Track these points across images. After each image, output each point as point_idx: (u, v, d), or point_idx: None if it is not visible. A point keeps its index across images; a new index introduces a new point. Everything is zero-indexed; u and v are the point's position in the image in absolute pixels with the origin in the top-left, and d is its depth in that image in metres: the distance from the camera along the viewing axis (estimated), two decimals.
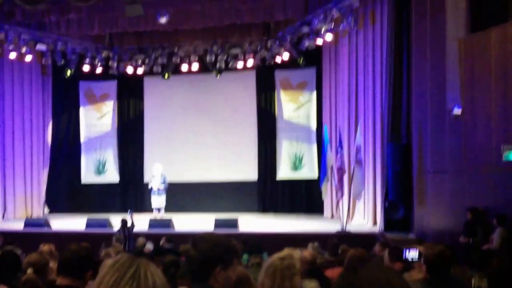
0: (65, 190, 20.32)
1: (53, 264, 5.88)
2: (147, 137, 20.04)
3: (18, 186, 18.80)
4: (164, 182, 16.11)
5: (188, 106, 19.44)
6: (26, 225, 15.26)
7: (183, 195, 18.40)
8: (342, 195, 13.55)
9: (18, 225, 15.61)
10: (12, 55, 17.20)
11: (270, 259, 4.01)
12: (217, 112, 19.19)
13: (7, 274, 5.65)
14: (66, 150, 20.63)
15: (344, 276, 4.92)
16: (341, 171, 13.41)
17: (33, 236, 13.02)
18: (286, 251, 4.16)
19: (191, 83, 19.29)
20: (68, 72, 18.42)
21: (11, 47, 16.90)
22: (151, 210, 16.54)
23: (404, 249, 7.05)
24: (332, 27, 15.15)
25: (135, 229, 13.36)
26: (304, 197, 18.40)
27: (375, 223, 14.07)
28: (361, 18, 15.21)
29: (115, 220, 14.14)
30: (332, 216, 16.53)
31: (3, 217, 18.11)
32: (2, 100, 18.32)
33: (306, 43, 16.13)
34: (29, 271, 5.06)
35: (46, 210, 19.31)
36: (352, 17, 14.52)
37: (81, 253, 3.83)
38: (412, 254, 6.80)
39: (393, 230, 12.65)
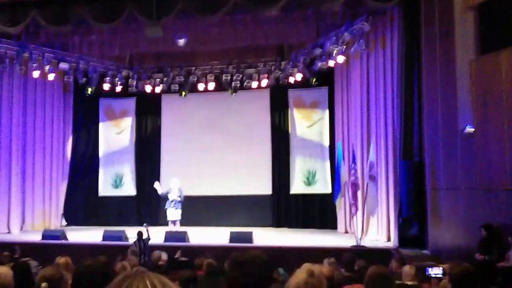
0: (83, 203, 20.36)
1: (69, 277, 5.76)
2: (164, 153, 20.10)
3: (37, 199, 18.80)
4: (180, 195, 15.99)
5: (204, 123, 19.48)
6: (43, 237, 15.12)
7: (198, 209, 18.31)
8: (357, 210, 13.39)
9: (35, 237, 15.48)
10: (36, 74, 17.31)
11: (297, 276, 3.87)
12: (232, 129, 19.20)
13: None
14: (84, 164, 20.68)
15: None
16: (355, 186, 13.30)
17: (50, 248, 12.95)
18: (308, 267, 4.01)
19: (207, 101, 19.34)
20: (89, 90, 18.56)
21: (35, 65, 16.99)
22: (166, 223, 16.40)
23: (427, 267, 6.89)
24: (343, 49, 15.27)
25: (151, 242, 13.20)
26: (317, 212, 18.28)
27: (389, 239, 13.96)
28: (372, 41, 15.24)
29: (131, 233, 14.00)
30: (346, 231, 16.43)
31: (21, 228, 18.09)
32: (24, 116, 18.39)
33: (319, 64, 16.24)
34: (44, 285, 4.88)
35: (64, 222, 19.26)
36: (363, 41, 14.57)
37: (96, 268, 3.69)
38: (435, 271, 6.65)
39: (407, 247, 12.46)
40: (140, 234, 13.05)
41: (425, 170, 12.46)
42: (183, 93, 18.80)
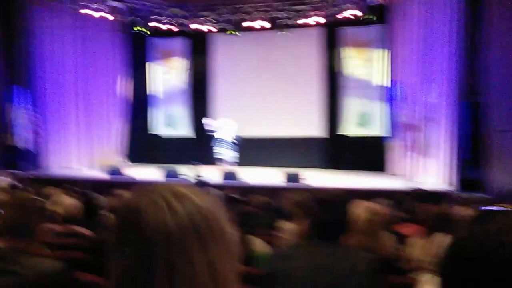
0: (141, 143, 20.82)
1: None
2: (216, 92, 20.06)
3: (99, 137, 19.47)
4: (234, 137, 15.85)
5: (255, 62, 19.21)
6: (107, 173, 15.81)
7: (251, 150, 18.25)
8: (413, 152, 12.90)
9: (100, 174, 16.22)
10: (86, 11, 17.22)
11: (358, 211, 3.78)
12: (284, 69, 18.85)
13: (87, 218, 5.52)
14: (138, 104, 20.97)
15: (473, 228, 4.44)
16: (412, 127, 12.75)
17: (113, 184, 13.14)
18: (367, 204, 3.88)
19: (259, 39, 18.99)
20: (140, 29, 18.45)
21: (85, 4, 16.97)
22: (219, 163, 16.34)
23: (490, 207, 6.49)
24: None
25: (206, 180, 13.22)
26: (371, 154, 17.86)
27: (447, 182, 13.42)
28: None
29: (185, 171, 14.68)
30: (401, 174, 15.88)
31: (86, 166, 18.63)
32: (79, 55, 18.53)
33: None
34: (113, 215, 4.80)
35: (125, 160, 19.56)
36: None
37: None
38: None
39: (467, 190, 12.05)
40: (195, 172, 13.14)
41: (487, 111, 11.84)
42: (233, 31, 18.38)
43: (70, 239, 4.85)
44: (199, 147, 19.72)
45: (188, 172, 13.43)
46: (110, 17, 18.36)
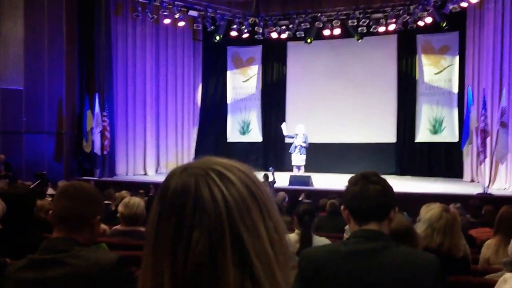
0: (212, 148, 20.72)
1: None
2: (289, 100, 20.11)
3: (170, 143, 19.63)
4: (305, 141, 15.76)
5: (329, 70, 19.20)
6: None
7: (322, 156, 18.25)
8: (485, 157, 12.57)
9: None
10: (167, 21, 17.79)
11: (433, 209, 3.71)
12: (357, 75, 18.77)
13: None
14: (213, 111, 21.14)
15: None
16: (484, 133, 12.46)
17: None
18: (438, 205, 3.78)
19: (332, 47, 19.01)
20: (217, 38, 18.60)
21: (165, 13, 17.41)
22: (291, 169, 16.38)
23: None
24: None
25: (276, 185, 13.16)
26: (443, 160, 17.68)
27: None
28: None
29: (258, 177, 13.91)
30: (472, 180, 15.72)
31: (156, 171, 18.94)
32: (157, 63, 18.98)
33: (450, 7, 15.49)
34: None
35: None
36: None
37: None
38: None
39: None
40: (266, 176, 13.12)
41: None
42: (309, 40, 18.44)
43: (133, 239, 4.91)
44: (272, 153, 19.88)
45: (260, 177, 13.29)
46: (190, 27, 18.79)
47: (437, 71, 17.79)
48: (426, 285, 2.10)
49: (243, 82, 20.73)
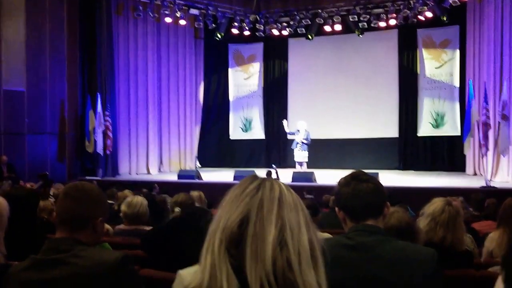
0: (215, 146, 20.86)
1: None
2: (291, 96, 20.10)
3: (172, 142, 19.62)
4: (307, 138, 15.77)
5: (330, 65, 19.19)
6: (179, 177, 15.64)
7: (325, 152, 18.30)
8: (487, 150, 12.56)
9: (172, 177, 16.16)
10: (168, 20, 17.78)
11: (435, 203, 3.74)
12: (359, 71, 18.75)
13: (156, 218, 5.59)
14: (216, 109, 21.18)
15: None
16: (486, 126, 12.44)
17: (185, 186, 13.12)
18: (440, 199, 3.80)
19: (334, 43, 19.01)
20: (219, 35, 18.61)
21: (166, 12, 17.39)
22: (293, 165, 16.43)
23: None
24: None
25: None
26: (445, 154, 17.71)
27: None
28: None
29: (261, 174, 13.85)
30: (475, 173, 15.73)
31: (159, 170, 18.94)
32: (159, 62, 18.99)
33: (450, 0, 15.51)
34: (177, 209, 4.84)
35: (198, 164, 19.68)
36: None
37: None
38: None
39: None
40: (269, 173, 13.13)
41: None
42: (310, 36, 18.43)
43: (137, 238, 4.93)
44: (274, 150, 19.89)
45: (264, 174, 13.23)
46: (192, 25, 18.79)
47: (438, 65, 17.78)
48: (424, 277, 2.13)
49: (244, 79, 20.73)
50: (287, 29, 18.47)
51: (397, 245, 2.25)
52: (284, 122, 16.59)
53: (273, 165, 15.30)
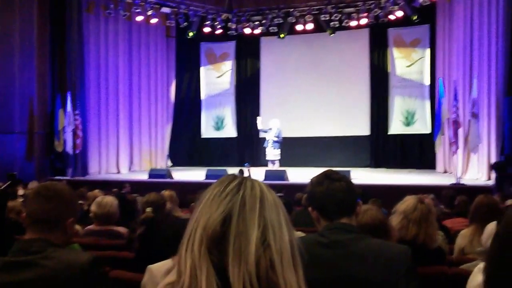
0: (186, 145, 20.79)
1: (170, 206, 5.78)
2: (263, 95, 20.12)
3: (143, 140, 19.45)
4: (278, 136, 15.77)
5: (302, 64, 19.24)
6: (150, 176, 15.46)
7: (297, 150, 18.32)
8: (457, 148, 12.69)
9: (143, 176, 15.95)
10: (139, 18, 17.70)
11: (407, 201, 3.76)
12: (330, 69, 18.85)
13: (126, 218, 5.53)
14: (187, 107, 21.07)
15: None
16: (456, 124, 12.55)
17: (156, 186, 13.01)
18: (412, 197, 3.81)
19: (305, 42, 19.05)
20: (191, 34, 18.55)
21: (138, 11, 17.31)
22: (266, 164, 16.44)
23: None
24: None
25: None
26: (416, 152, 17.94)
27: (489, 177, 13.25)
28: None
29: (233, 173, 13.81)
30: (445, 171, 15.92)
31: (130, 169, 18.74)
32: (130, 60, 18.81)
33: (420, 0, 15.59)
34: (148, 209, 4.78)
35: (169, 163, 19.57)
36: None
37: None
38: None
39: (509, 185, 11.63)
40: (241, 172, 13.04)
41: None
42: (282, 34, 18.48)
43: (107, 238, 4.87)
44: (247, 148, 19.86)
45: (236, 173, 13.19)
46: (163, 23, 18.68)
47: (408, 63, 17.98)
48: (399, 274, 2.14)
49: (217, 77, 20.66)
50: (259, 28, 18.46)
51: (371, 243, 2.27)
52: (258, 119, 16.58)
53: (245, 164, 15.28)
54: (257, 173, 14.49)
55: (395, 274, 2.13)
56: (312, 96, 18.89)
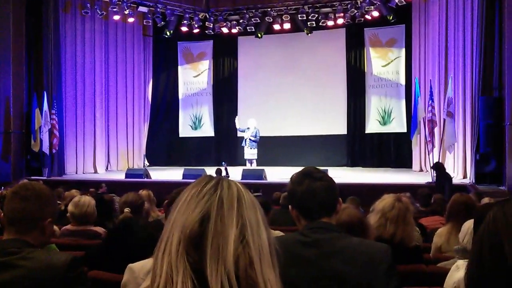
0: (164, 144, 20.66)
1: (148, 206, 5.74)
2: (241, 94, 20.12)
3: (120, 140, 19.33)
4: (255, 135, 15.81)
5: (280, 63, 19.29)
6: (127, 175, 15.34)
7: (275, 149, 18.43)
8: (433, 147, 12.80)
9: (120, 176, 15.85)
10: (116, 17, 17.61)
11: (385, 199, 3.76)
12: (308, 69, 18.93)
13: (103, 218, 5.49)
14: (165, 107, 20.99)
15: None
16: (432, 123, 12.67)
17: (133, 185, 12.93)
18: (390, 195, 3.83)
19: (283, 41, 19.11)
20: (168, 33, 18.44)
21: (115, 10, 17.19)
22: (244, 163, 16.46)
23: None
24: None
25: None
26: (392, 151, 18.07)
27: (465, 175, 13.46)
28: None
29: (211, 172, 13.85)
30: (421, 169, 16.04)
31: (107, 168, 18.62)
32: (107, 60, 18.68)
33: (396, 0, 15.73)
34: (126, 210, 4.73)
35: (146, 162, 19.46)
36: None
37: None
38: None
39: (484, 183, 12.01)
40: (219, 171, 13.05)
41: (504, 105, 11.81)
42: (259, 34, 18.46)
43: (84, 238, 4.82)
44: (224, 148, 19.86)
45: (213, 172, 13.26)
46: (140, 23, 18.59)
47: (384, 63, 18.11)
48: (380, 272, 2.14)
49: (194, 77, 20.58)
50: (236, 27, 18.44)
51: (352, 241, 2.26)
52: (236, 118, 16.60)
53: (223, 163, 15.26)
54: (235, 172, 14.50)
55: (376, 272, 2.13)
56: (289, 96, 18.94)
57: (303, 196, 2.32)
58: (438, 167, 11.60)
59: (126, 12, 17.33)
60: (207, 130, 20.45)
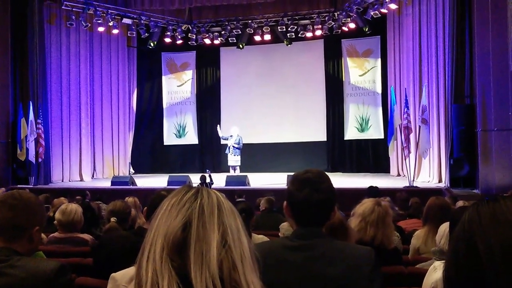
0: (149, 152, 20.55)
1: (140, 215, 5.73)
2: (224, 103, 20.12)
3: (106, 148, 19.12)
4: (238, 143, 15.87)
5: (261, 73, 19.36)
6: (112, 183, 15.20)
7: (258, 156, 18.49)
8: (409, 152, 12.91)
9: (105, 183, 15.72)
10: (101, 29, 17.59)
11: (365, 203, 3.78)
12: (288, 78, 19.05)
13: (90, 225, 5.43)
14: (149, 115, 20.89)
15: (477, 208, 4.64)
16: (407, 130, 12.82)
17: (119, 193, 12.83)
18: (370, 200, 3.84)
19: (263, 52, 19.21)
20: (152, 44, 18.43)
21: (99, 22, 17.14)
22: (227, 170, 16.53)
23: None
24: None
25: (213, 186, 13.00)
26: (371, 156, 18.22)
27: (440, 180, 13.62)
28: None
29: (195, 179, 13.82)
30: (399, 174, 16.20)
31: (92, 176, 18.43)
32: (92, 70, 18.51)
33: (372, 13, 15.95)
34: (113, 219, 4.69)
35: (132, 170, 19.33)
36: None
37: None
38: None
39: (458, 187, 12.20)
40: (203, 178, 13.04)
41: (476, 112, 12.01)
42: (241, 45, 18.53)
43: (71, 245, 4.77)
44: (208, 155, 19.86)
45: (198, 179, 13.24)
46: (124, 34, 18.56)
47: (361, 73, 18.25)
48: (364, 274, 2.15)
49: (178, 86, 20.56)
50: (218, 38, 18.53)
51: (337, 245, 2.27)
52: (218, 127, 16.62)
53: (207, 170, 15.24)
54: (219, 179, 14.49)
55: (360, 273, 2.15)
56: (270, 104, 19.00)
57: (300, 205, 2.29)
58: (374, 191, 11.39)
59: (111, 24, 17.30)
60: (191, 138, 20.38)
